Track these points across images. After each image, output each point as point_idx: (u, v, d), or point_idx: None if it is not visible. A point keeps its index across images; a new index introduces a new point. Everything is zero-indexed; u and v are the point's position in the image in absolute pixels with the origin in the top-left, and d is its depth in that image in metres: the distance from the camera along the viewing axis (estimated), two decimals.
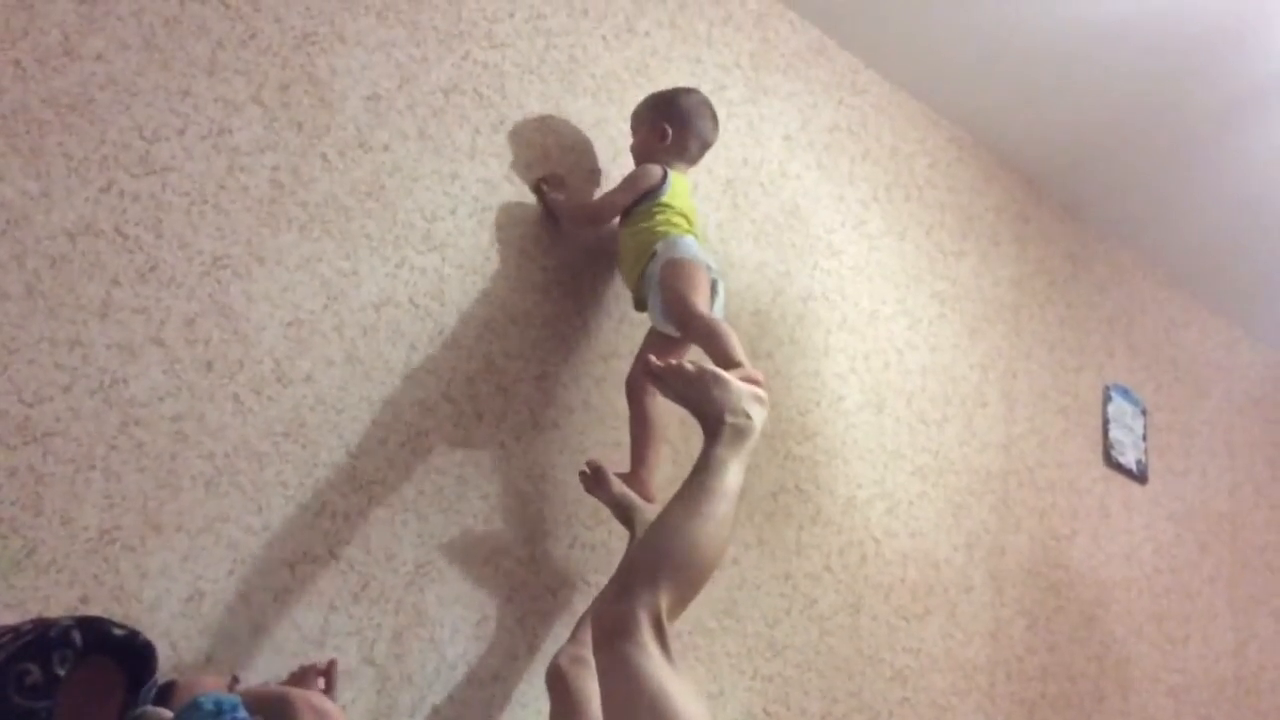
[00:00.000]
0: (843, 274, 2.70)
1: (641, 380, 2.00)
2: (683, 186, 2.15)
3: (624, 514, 1.99)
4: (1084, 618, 2.96)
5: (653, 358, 1.76)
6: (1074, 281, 3.33)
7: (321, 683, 1.70)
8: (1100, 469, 3.19)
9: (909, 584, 2.58)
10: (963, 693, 2.59)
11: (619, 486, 2.00)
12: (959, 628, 2.64)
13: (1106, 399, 3.28)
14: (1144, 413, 3.38)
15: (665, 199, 2.09)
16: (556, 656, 1.81)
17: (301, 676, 1.70)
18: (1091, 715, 2.88)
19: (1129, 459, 3.26)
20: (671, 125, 2.18)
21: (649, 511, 1.94)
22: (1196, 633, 3.28)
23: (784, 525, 2.39)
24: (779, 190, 2.63)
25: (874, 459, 2.62)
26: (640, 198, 2.11)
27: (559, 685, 1.75)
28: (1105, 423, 3.25)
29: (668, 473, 2.11)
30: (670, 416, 2.04)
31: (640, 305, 2.11)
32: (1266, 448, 3.79)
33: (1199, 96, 2.88)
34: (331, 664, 1.72)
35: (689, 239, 2.05)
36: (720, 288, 2.04)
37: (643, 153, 2.20)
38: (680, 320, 1.95)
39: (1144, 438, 3.34)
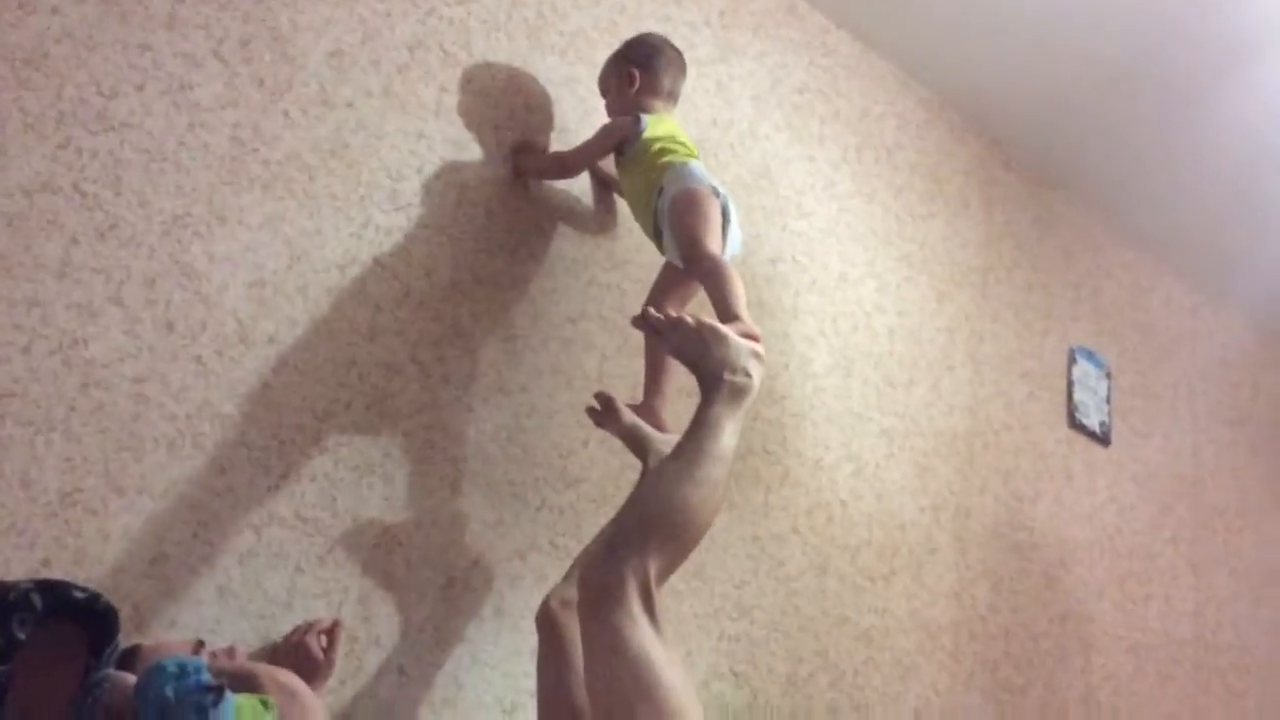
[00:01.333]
0: (811, 236, 2.70)
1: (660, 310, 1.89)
2: (669, 123, 2.10)
3: (637, 445, 1.95)
4: (1047, 578, 3.00)
5: (651, 309, 1.72)
6: (1041, 245, 3.34)
7: (324, 640, 1.71)
8: (1064, 431, 3.22)
9: (875, 545, 2.59)
10: (927, 652, 2.62)
11: (629, 417, 1.96)
12: (924, 588, 2.66)
13: (1071, 361, 3.30)
14: (1108, 375, 3.40)
15: (647, 136, 2.05)
16: (547, 598, 1.80)
17: (305, 630, 1.70)
18: (1054, 674, 2.92)
19: (1093, 421, 3.29)
20: (637, 67, 2.15)
21: (662, 441, 1.90)
22: (1157, 593, 3.33)
23: (752, 487, 2.40)
24: (748, 151, 2.62)
25: (841, 422, 2.62)
26: (620, 147, 2.08)
27: (549, 627, 1.75)
28: (1070, 385, 3.28)
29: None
30: None
31: (662, 246, 2.05)
32: (1228, 411, 3.84)
33: (1168, 63, 2.88)
34: (335, 624, 1.73)
35: (693, 164, 1.99)
36: (732, 214, 1.97)
37: (618, 108, 2.16)
38: (687, 257, 1.89)
39: (1108, 400, 3.37)
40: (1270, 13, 2.68)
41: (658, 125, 2.07)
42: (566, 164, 2.19)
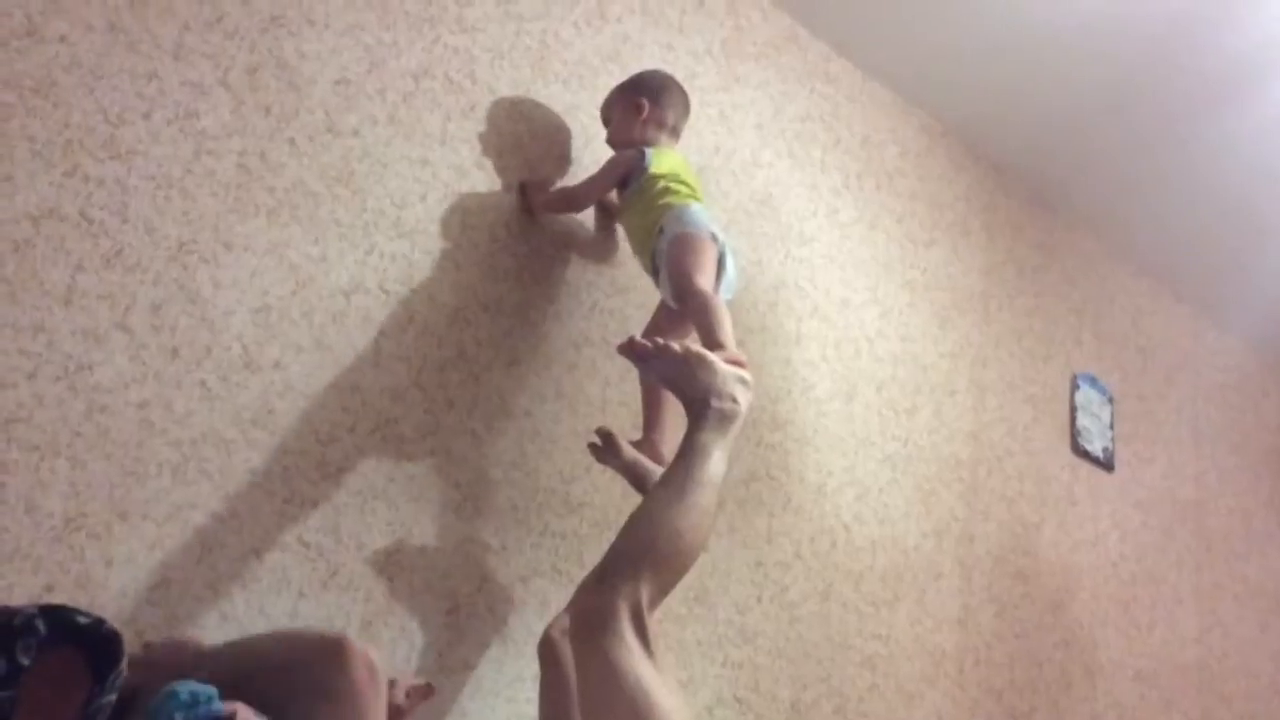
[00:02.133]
0: (814, 262, 2.71)
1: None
2: (673, 157, 2.12)
3: (637, 480, 1.95)
4: (1051, 604, 2.99)
5: (636, 336, 1.74)
6: (1043, 271, 3.35)
7: (411, 692, 1.74)
8: (1068, 457, 3.21)
9: (878, 571, 2.59)
10: (931, 679, 2.61)
11: (630, 453, 1.96)
12: (928, 614, 2.66)
13: (1074, 387, 3.31)
14: (1111, 401, 3.40)
15: (652, 172, 2.07)
16: (548, 628, 1.80)
17: (398, 679, 1.73)
18: (1058, 701, 2.90)
19: (1096, 447, 3.29)
20: (646, 97, 2.18)
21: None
22: (1162, 619, 3.32)
23: (755, 513, 2.40)
24: (750, 179, 2.63)
25: (844, 447, 2.62)
26: (624, 181, 2.10)
27: (550, 656, 1.75)
28: (1073, 411, 3.28)
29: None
30: None
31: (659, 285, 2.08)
32: (1231, 436, 3.84)
33: (1166, 87, 2.90)
34: (430, 690, 1.77)
35: (694, 208, 2.01)
36: (729, 260, 1.99)
37: (621, 136, 2.18)
38: (678, 294, 1.92)
39: (1111, 426, 3.37)
40: (1266, 36, 2.69)
41: (661, 160, 2.09)
42: (574, 199, 2.21)
